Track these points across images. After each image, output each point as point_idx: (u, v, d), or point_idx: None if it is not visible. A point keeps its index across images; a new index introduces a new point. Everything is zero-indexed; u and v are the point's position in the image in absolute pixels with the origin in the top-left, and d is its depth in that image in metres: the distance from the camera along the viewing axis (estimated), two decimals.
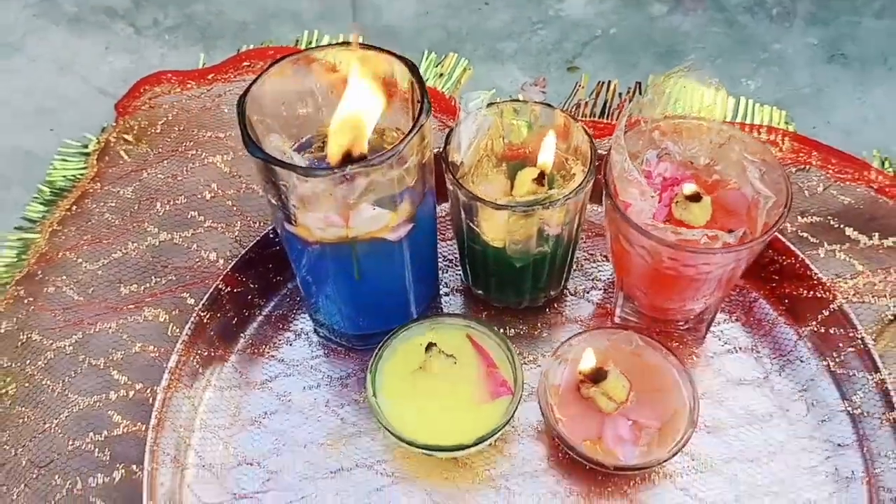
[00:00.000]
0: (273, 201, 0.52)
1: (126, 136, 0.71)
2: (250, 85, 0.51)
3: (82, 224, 0.65)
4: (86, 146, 0.73)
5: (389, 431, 0.54)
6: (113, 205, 0.65)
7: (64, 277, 0.61)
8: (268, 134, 0.53)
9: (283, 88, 0.54)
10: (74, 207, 0.67)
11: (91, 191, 0.68)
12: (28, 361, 0.58)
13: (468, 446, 0.54)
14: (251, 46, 0.73)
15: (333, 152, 0.53)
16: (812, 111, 0.75)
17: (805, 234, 0.62)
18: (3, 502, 0.53)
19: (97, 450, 0.54)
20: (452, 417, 0.56)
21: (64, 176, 0.71)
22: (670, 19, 0.82)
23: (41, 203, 0.70)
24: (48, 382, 0.57)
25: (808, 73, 0.78)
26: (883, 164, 0.66)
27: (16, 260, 0.65)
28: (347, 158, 0.53)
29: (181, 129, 0.68)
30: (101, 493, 0.52)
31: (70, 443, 0.54)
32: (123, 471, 0.53)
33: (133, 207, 0.64)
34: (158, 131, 0.68)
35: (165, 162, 0.66)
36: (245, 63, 0.71)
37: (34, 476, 0.53)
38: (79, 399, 0.56)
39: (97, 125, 0.75)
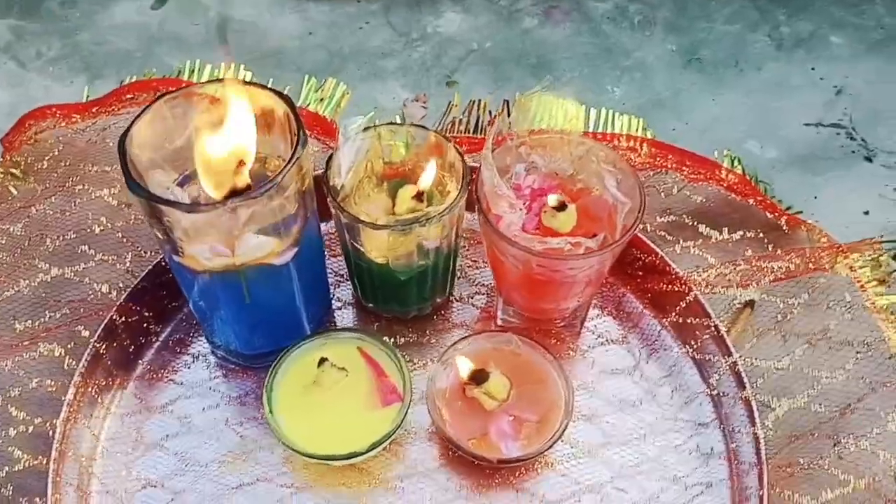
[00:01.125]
0: (159, 235, 0.54)
1: (13, 171, 0.71)
2: (130, 125, 0.52)
3: None
4: None
5: (287, 445, 0.56)
6: (2, 242, 0.65)
7: None
8: (151, 169, 0.55)
9: (163, 125, 0.55)
10: None
11: None
12: None
13: (362, 453, 0.57)
14: (134, 77, 0.74)
15: (215, 185, 0.55)
16: (671, 113, 0.80)
17: (663, 233, 0.66)
18: None
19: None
20: (347, 426, 0.58)
21: None
22: (541, 32, 0.86)
23: None
24: None
25: (667, 78, 0.83)
26: (732, 162, 0.71)
27: None
28: (230, 191, 0.55)
29: (67, 164, 0.68)
30: None
31: None
32: (27, 501, 0.54)
33: (23, 244, 0.64)
34: (45, 166, 0.68)
35: (53, 198, 0.66)
36: (129, 95, 0.71)
37: None
38: None
39: None
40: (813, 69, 0.84)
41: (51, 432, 0.56)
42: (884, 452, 0.53)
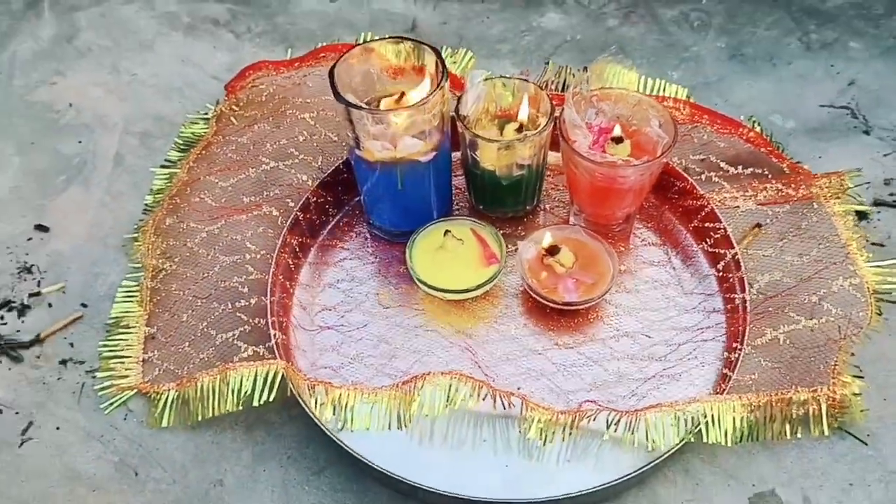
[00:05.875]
0: (349, 133, 0.81)
1: (235, 107, 1.00)
2: (335, 62, 0.80)
3: (211, 162, 0.94)
4: (206, 114, 1.02)
5: (419, 281, 0.83)
6: (233, 148, 0.94)
7: (206, 191, 0.90)
8: (345, 93, 0.82)
9: (354, 67, 0.83)
10: (203, 152, 0.96)
11: (214, 141, 0.96)
12: (187, 240, 0.85)
13: (470, 290, 0.82)
14: (323, 44, 1.03)
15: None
16: (716, 93, 1.02)
17: (694, 167, 0.90)
18: (177, 322, 0.82)
19: (240, 286, 0.82)
20: (460, 276, 0.82)
21: (192, 133, 1.00)
22: (621, 30, 1.11)
23: (177, 150, 0.99)
24: (203, 251, 0.85)
25: (715, 67, 1.05)
26: (753, 124, 0.94)
27: (165, 185, 0.95)
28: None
29: (280, 97, 0.96)
30: (244, 311, 0.80)
31: (222, 283, 0.83)
32: (257, 298, 0.81)
33: (249, 148, 0.93)
34: (263, 100, 0.97)
35: (270, 118, 0.95)
36: (322, 55, 0.99)
37: (199, 304, 0.82)
38: (225, 258, 0.84)
39: (213, 100, 1.04)
40: (832, 66, 1.05)
41: (270, 261, 0.84)
42: (826, 303, 0.76)
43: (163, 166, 0.97)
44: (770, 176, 0.88)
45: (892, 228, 0.89)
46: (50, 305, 0.86)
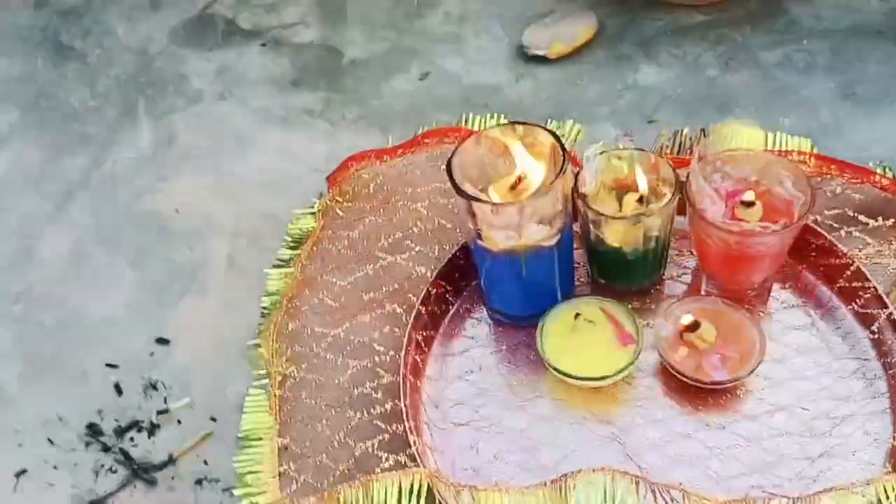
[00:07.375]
0: (470, 225, 0.78)
1: (339, 199, 0.99)
2: (452, 154, 0.77)
3: (325, 258, 0.93)
4: (312, 207, 1.01)
5: (554, 369, 0.79)
6: (345, 244, 0.93)
7: (324, 291, 0.88)
8: (462, 182, 0.80)
9: (468, 157, 0.80)
10: (314, 248, 0.95)
11: (323, 237, 0.95)
12: (313, 345, 0.84)
13: (610, 376, 0.78)
14: (425, 128, 1.01)
15: (501, 195, 0.80)
16: (833, 137, 0.98)
17: (830, 223, 0.84)
18: (311, 432, 0.80)
19: (373, 392, 0.80)
20: (596, 361, 0.79)
21: (300, 228, 0.99)
22: (722, 79, 1.07)
23: (288, 248, 0.98)
24: (331, 356, 0.83)
25: (829, 110, 1.01)
26: (884, 169, 0.89)
27: (280, 286, 0.93)
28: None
29: (388, 188, 0.95)
30: (380, 417, 0.78)
31: (355, 390, 0.81)
32: (391, 403, 0.79)
33: (363, 243, 0.92)
34: (371, 192, 0.96)
35: (381, 210, 0.93)
36: (425, 140, 0.98)
37: (332, 414, 0.80)
38: (355, 363, 0.82)
39: (317, 193, 1.03)
40: None
41: (398, 360, 0.81)
42: None
43: (275, 266, 0.96)
44: None
45: None
46: (179, 422, 0.85)
